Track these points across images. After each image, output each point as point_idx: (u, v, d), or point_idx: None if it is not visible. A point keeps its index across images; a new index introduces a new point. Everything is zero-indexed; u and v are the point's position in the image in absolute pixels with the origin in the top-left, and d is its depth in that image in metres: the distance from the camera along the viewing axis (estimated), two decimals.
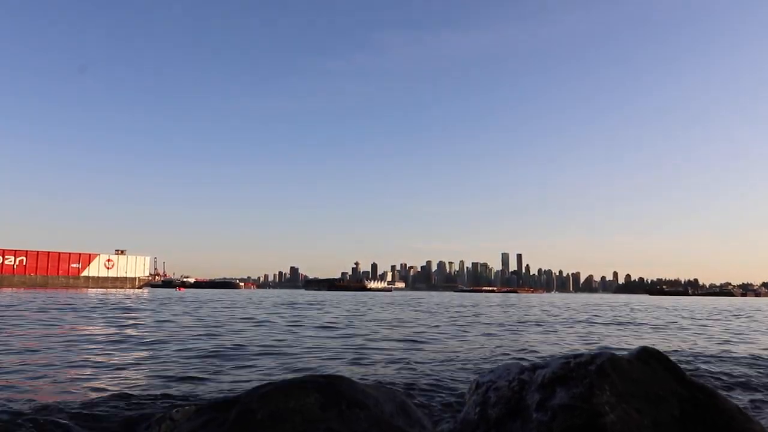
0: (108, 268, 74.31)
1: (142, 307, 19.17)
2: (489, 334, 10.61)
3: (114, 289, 62.11)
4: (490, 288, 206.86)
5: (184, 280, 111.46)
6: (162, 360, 6.31)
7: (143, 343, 7.93)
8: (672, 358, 2.46)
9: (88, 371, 5.46)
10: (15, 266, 67.46)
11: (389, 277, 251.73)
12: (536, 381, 2.34)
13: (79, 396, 4.22)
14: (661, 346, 8.32)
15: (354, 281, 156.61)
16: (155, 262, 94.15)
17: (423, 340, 9.21)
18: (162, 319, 13.28)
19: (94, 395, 4.23)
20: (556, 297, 78.25)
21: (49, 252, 70.12)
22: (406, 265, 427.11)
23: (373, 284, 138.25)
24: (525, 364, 2.56)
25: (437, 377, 5.30)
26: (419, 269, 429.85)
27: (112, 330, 9.96)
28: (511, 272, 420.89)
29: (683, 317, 19.55)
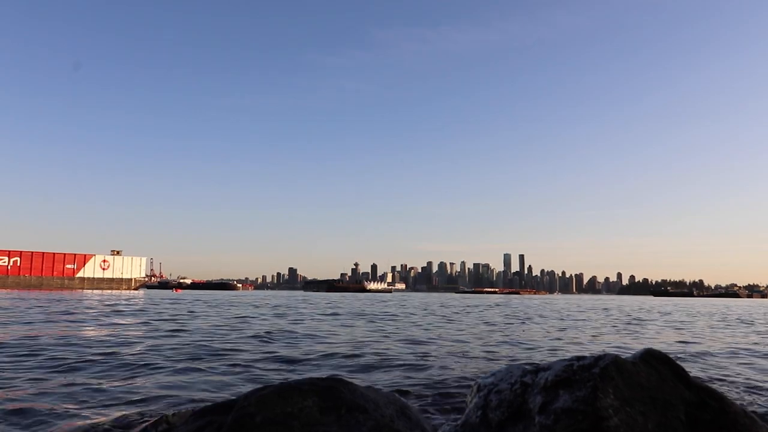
0: (104, 269, 74.38)
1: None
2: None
3: (110, 291, 62.13)
4: (492, 289, 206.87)
5: (181, 281, 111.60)
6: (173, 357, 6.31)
7: None
8: None
9: (84, 373, 5.45)
10: (9, 267, 67.49)
11: (389, 278, 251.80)
12: (539, 384, 2.33)
13: (75, 396, 4.21)
14: None
15: (353, 282, 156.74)
16: (151, 262, 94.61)
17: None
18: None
19: (89, 397, 4.22)
20: (560, 299, 78.21)
21: (43, 252, 70.18)
22: (406, 266, 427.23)
23: (372, 285, 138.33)
24: (527, 366, 2.55)
25: (438, 380, 5.30)
26: (420, 270, 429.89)
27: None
28: (514, 273, 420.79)
29: None
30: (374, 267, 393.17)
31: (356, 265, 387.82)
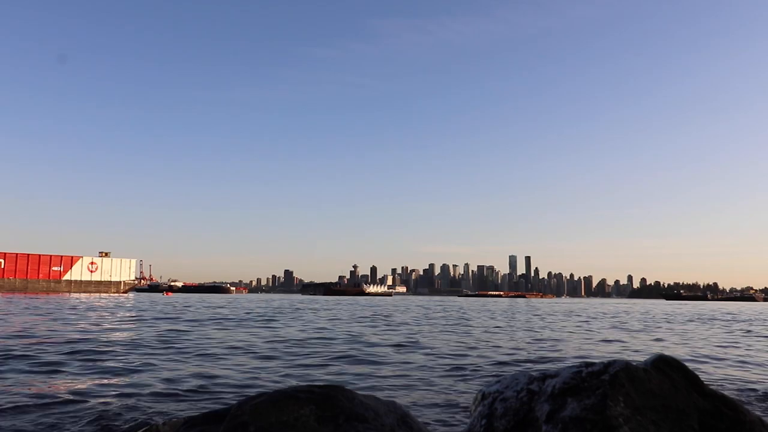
0: (91, 272, 74.36)
1: None
2: None
3: (98, 294, 62.11)
4: (497, 293, 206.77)
5: (172, 284, 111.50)
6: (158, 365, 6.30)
7: None
8: None
9: (74, 379, 5.45)
10: None
11: (389, 281, 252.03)
12: (546, 391, 2.33)
13: (61, 405, 4.21)
14: None
15: (352, 285, 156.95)
16: (141, 265, 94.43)
17: None
18: None
19: (76, 405, 4.22)
20: (567, 302, 78.18)
21: (29, 254, 70.08)
22: (407, 268, 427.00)
23: (372, 288, 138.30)
24: (534, 373, 2.55)
25: (441, 387, 5.29)
26: (421, 273, 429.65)
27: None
28: (520, 276, 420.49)
29: None
30: (374, 269, 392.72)
31: (355, 267, 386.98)
